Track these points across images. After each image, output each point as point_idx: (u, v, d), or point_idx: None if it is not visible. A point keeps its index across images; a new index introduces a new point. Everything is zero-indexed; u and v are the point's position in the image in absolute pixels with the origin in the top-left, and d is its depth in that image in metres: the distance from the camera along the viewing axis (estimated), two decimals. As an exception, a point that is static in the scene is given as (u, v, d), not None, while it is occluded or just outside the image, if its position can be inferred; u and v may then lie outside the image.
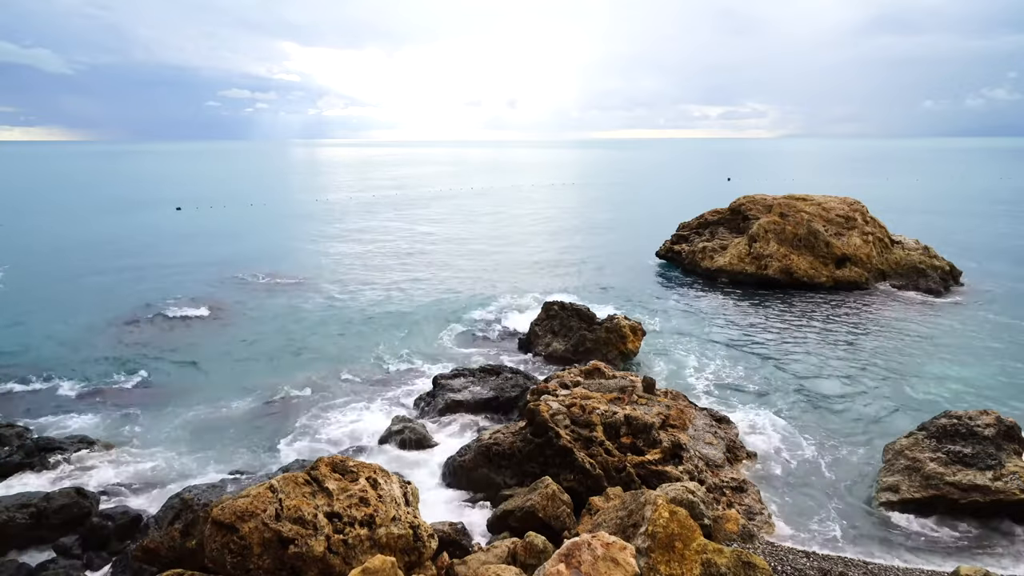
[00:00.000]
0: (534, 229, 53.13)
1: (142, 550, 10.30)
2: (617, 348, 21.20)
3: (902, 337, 23.66)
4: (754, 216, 34.48)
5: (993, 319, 25.87)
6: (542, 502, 11.26)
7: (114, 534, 11.74)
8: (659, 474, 12.56)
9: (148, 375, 20.71)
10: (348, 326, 26.06)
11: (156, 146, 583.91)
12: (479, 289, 32.21)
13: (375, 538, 9.01)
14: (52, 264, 38.94)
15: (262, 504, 8.87)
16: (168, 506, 11.01)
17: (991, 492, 12.21)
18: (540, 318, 23.25)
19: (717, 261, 33.75)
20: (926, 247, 33.20)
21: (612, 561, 7.76)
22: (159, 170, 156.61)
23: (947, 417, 13.85)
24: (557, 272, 36.33)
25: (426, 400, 18.33)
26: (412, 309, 28.58)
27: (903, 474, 13.22)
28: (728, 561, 8.43)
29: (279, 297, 30.90)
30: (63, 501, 12.03)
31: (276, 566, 8.54)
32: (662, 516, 8.67)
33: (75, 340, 24.10)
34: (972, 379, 19.73)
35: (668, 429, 13.98)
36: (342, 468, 9.96)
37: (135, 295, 30.87)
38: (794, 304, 28.31)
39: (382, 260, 40.09)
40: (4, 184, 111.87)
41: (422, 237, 48.96)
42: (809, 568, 9.96)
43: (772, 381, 19.82)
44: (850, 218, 32.95)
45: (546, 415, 13.38)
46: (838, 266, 31.32)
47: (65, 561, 11.16)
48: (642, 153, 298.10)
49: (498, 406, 17.62)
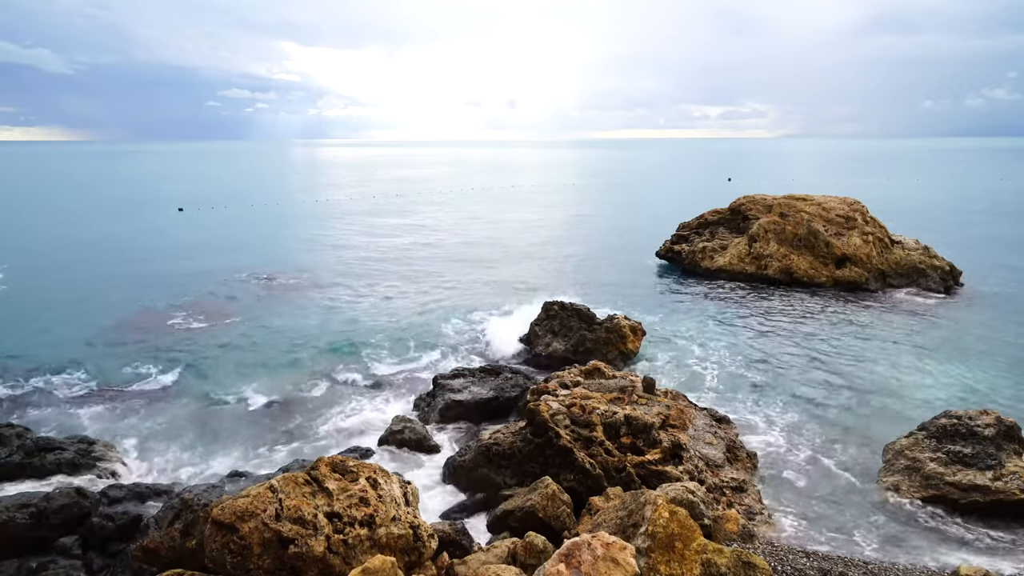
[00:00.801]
0: (534, 229, 53.13)
1: (142, 550, 10.30)
2: (617, 348, 21.20)
3: (902, 337, 23.66)
4: (754, 216, 34.48)
5: (993, 319, 25.86)
6: (542, 502, 11.26)
7: (114, 534, 11.73)
8: (659, 474, 12.56)
9: (148, 375, 20.71)
10: (348, 326, 26.06)
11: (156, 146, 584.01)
12: (479, 289, 32.21)
13: (375, 538, 9.01)
14: (52, 264, 38.94)
15: (262, 504, 8.87)
16: (168, 506, 11.00)
17: (991, 492, 12.21)
18: (540, 318, 23.25)
19: (717, 261, 33.75)
20: (926, 247, 33.19)
21: (612, 561, 7.76)
22: (159, 170, 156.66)
23: (947, 417, 13.85)
24: (557, 272, 36.32)
25: (426, 400, 18.34)
26: (412, 309, 28.59)
27: (903, 474, 13.22)
28: (728, 561, 8.43)
29: (279, 297, 30.91)
30: (63, 501, 12.02)
31: (276, 566, 8.54)
32: (662, 516, 8.67)
33: (75, 340, 24.11)
34: (972, 379, 19.73)
35: (668, 429, 13.98)
36: (342, 468, 9.96)
37: (135, 295, 30.88)
38: (794, 304, 28.30)
39: (382, 260, 40.10)
40: (4, 184, 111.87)
41: (422, 237, 48.97)
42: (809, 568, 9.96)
43: (772, 381, 19.82)
44: (850, 218, 32.94)
45: (546, 415, 13.38)
46: (838, 266, 31.32)
47: (65, 561, 11.15)
48: (642, 153, 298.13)
49: (498, 406, 17.62)
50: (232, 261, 39.26)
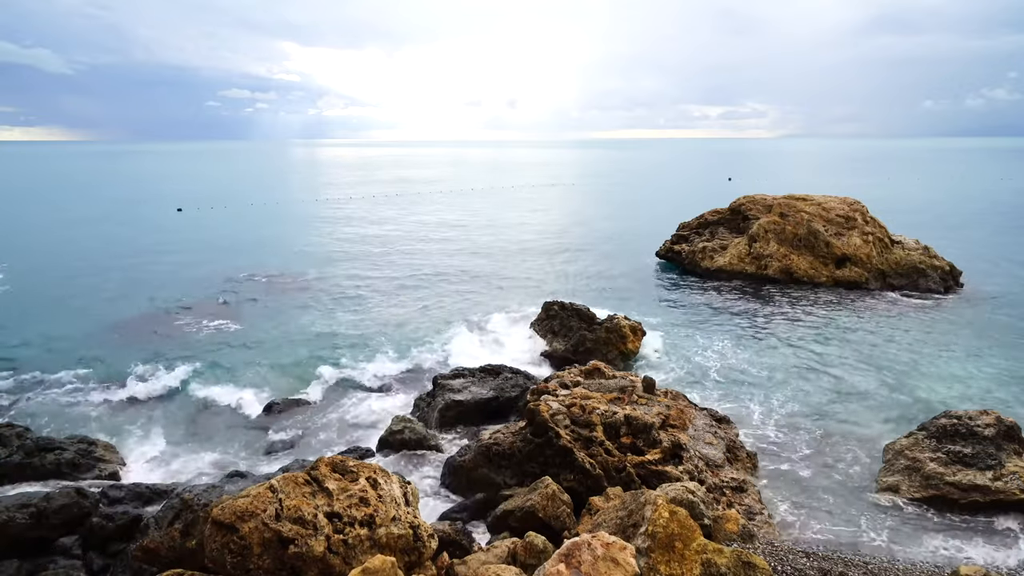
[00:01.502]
0: (534, 229, 53.14)
1: (142, 550, 10.30)
2: (617, 348, 21.20)
3: (902, 337, 23.66)
4: (754, 216, 34.48)
5: (993, 319, 25.86)
6: (542, 502, 11.26)
7: (114, 534, 11.72)
8: (659, 474, 12.56)
9: (148, 375, 20.69)
10: (348, 326, 26.06)
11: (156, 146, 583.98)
12: (479, 289, 32.22)
13: (375, 538, 9.01)
14: (52, 264, 38.94)
15: (262, 504, 8.87)
16: (168, 506, 11.00)
17: (991, 492, 12.22)
18: (540, 318, 23.26)
19: (717, 261, 33.75)
20: (926, 247, 33.19)
21: (612, 561, 7.76)
22: (159, 170, 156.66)
23: (947, 417, 13.86)
24: (557, 272, 36.33)
25: (426, 400, 18.33)
26: (412, 309, 28.60)
27: (903, 474, 13.22)
28: (728, 561, 8.43)
29: (279, 297, 30.91)
30: (63, 501, 12.01)
31: (276, 566, 8.54)
32: (662, 516, 8.67)
33: (75, 340, 24.11)
34: (972, 379, 19.73)
35: (668, 429, 13.98)
36: (342, 468, 9.96)
37: (135, 296, 30.88)
38: (794, 304, 28.30)
39: (381, 260, 40.09)
40: (4, 184, 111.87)
41: (422, 237, 48.97)
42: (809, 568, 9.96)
43: (772, 381, 19.82)
44: (850, 218, 32.95)
45: (546, 415, 13.38)
46: (838, 266, 31.32)
47: (65, 561, 11.15)
48: (642, 153, 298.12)
49: (498, 406, 17.62)
50: (232, 261, 39.26)
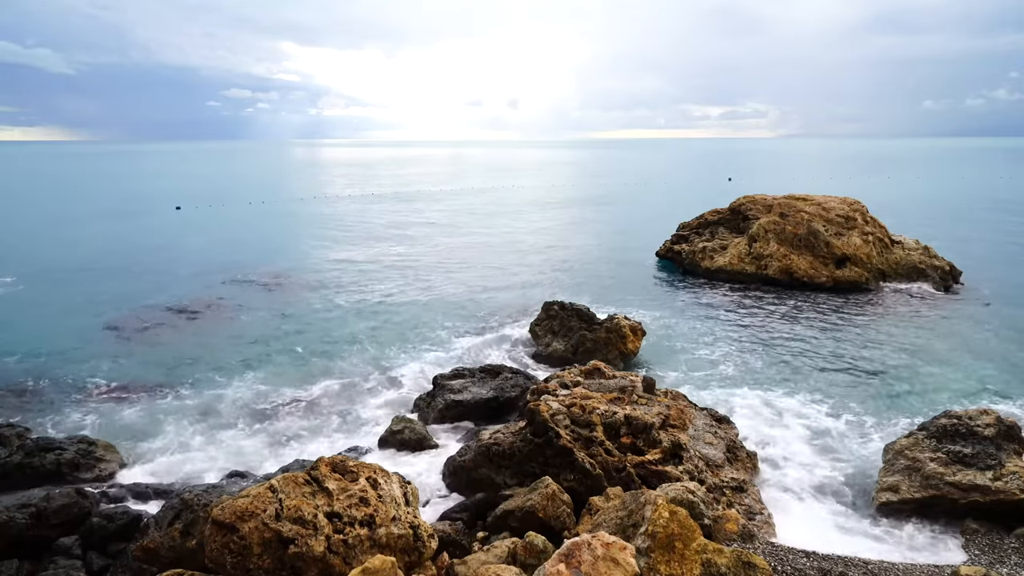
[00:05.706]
0: (534, 229, 53.13)
1: (142, 550, 10.31)
2: (617, 348, 21.19)
3: (902, 337, 23.65)
4: (754, 216, 34.48)
5: (993, 319, 25.86)
6: (542, 502, 11.26)
7: (114, 534, 11.73)
8: (659, 474, 12.56)
9: (148, 375, 20.70)
10: (347, 326, 26.05)
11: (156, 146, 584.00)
12: (479, 289, 32.21)
13: (375, 538, 9.01)
14: (52, 264, 38.91)
15: (262, 504, 8.88)
16: (168, 506, 11.01)
17: (991, 492, 12.20)
18: (540, 318, 23.25)
19: (717, 261, 33.75)
20: (926, 247, 33.19)
21: (612, 561, 7.76)
22: (159, 170, 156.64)
23: (947, 417, 13.84)
24: (557, 272, 36.32)
25: (426, 400, 18.33)
26: (412, 309, 28.59)
27: (903, 474, 13.21)
28: (728, 561, 8.44)
29: (279, 297, 30.90)
30: (63, 501, 12.02)
31: (276, 566, 8.54)
32: (662, 516, 8.67)
33: (75, 340, 24.10)
34: (972, 379, 19.73)
35: (668, 429, 13.98)
36: (342, 468, 9.96)
37: (135, 295, 30.86)
38: (794, 304, 28.30)
39: (381, 260, 40.08)
40: (4, 184, 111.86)
41: (422, 237, 48.96)
42: (809, 568, 9.96)
43: (772, 381, 19.82)
44: (850, 218, 32.94)
45: (546, 415, 13.38)
46: (838, 266, 31.31)
47: (65, 561, 11.15)
48: (642, 153, 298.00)
49: (498, 406, 17.61)
50: (231, 260, 39.24)
